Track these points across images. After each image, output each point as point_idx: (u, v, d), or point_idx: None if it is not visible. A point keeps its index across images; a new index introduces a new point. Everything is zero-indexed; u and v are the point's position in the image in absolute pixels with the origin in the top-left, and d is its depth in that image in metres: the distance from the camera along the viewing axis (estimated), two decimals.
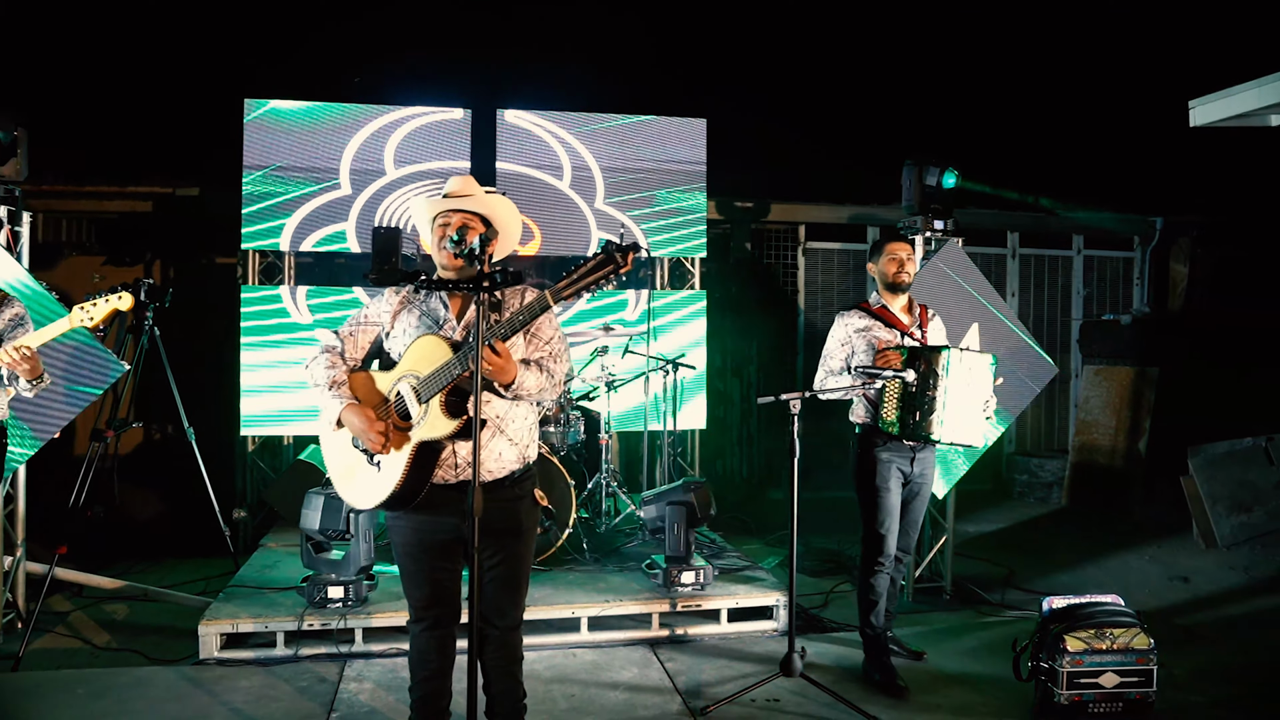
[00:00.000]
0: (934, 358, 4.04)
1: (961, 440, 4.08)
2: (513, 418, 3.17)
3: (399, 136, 7.13)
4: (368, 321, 3.24)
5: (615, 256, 2.69)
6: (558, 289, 2.77)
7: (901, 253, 4.34)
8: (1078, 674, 3.82)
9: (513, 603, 3.28)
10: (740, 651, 4.66)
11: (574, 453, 6.21)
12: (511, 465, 3.17)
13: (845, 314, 4.40)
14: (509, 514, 3.16)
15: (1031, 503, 9.17)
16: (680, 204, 7.58)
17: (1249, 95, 6.07)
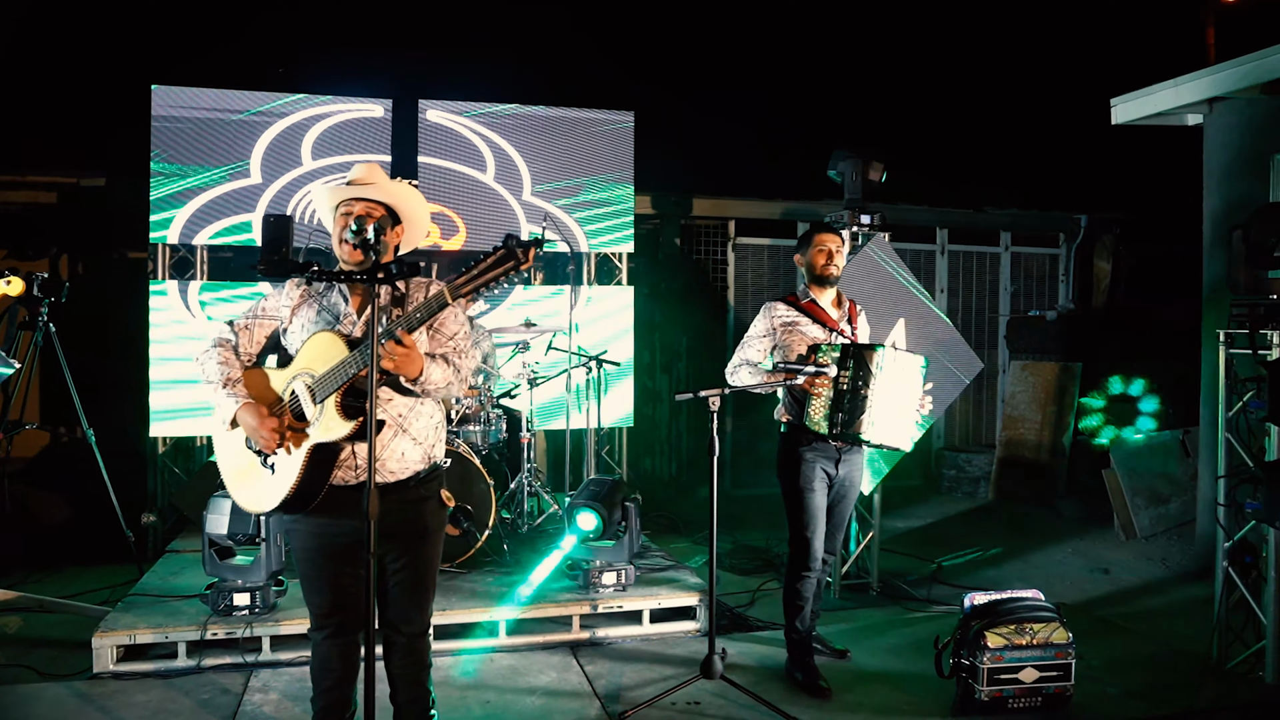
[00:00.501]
0: (867, 356, 3.94)
1: (889, 442, 4.01)
2: (416, 416, 3.04)
3: (318, 130, 6.90)
4: (264, 315, 3.08)
5: (516, 252, 2.57)
6: (456, 285, 2.65)
7: (831, 244, 4.19)
8: (998, 670, 3.80)
9: (419, 608, 3.14)
10: (662, 653, 4.57)
11: (495, 452, 6.06)
12: (416, 465, 3.04)
13: (772, 305, 4.28)
14: (413, 516, 3.03)
15: (959, 497, 9.26)
16: (607, 198, 7.47)
17: (1166, 94, 6.18)
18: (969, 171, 9.34)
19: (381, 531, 2.93)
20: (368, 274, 2.55)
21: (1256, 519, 4.11)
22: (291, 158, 6.85)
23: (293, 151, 6.85)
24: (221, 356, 2.98)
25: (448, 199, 7.16)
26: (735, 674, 4.22)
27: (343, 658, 3.12)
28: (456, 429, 5.59)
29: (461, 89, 7.32)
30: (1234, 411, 4.30)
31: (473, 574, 5.16)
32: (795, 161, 8.28)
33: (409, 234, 3.13)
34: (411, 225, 3.11)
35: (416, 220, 3.12)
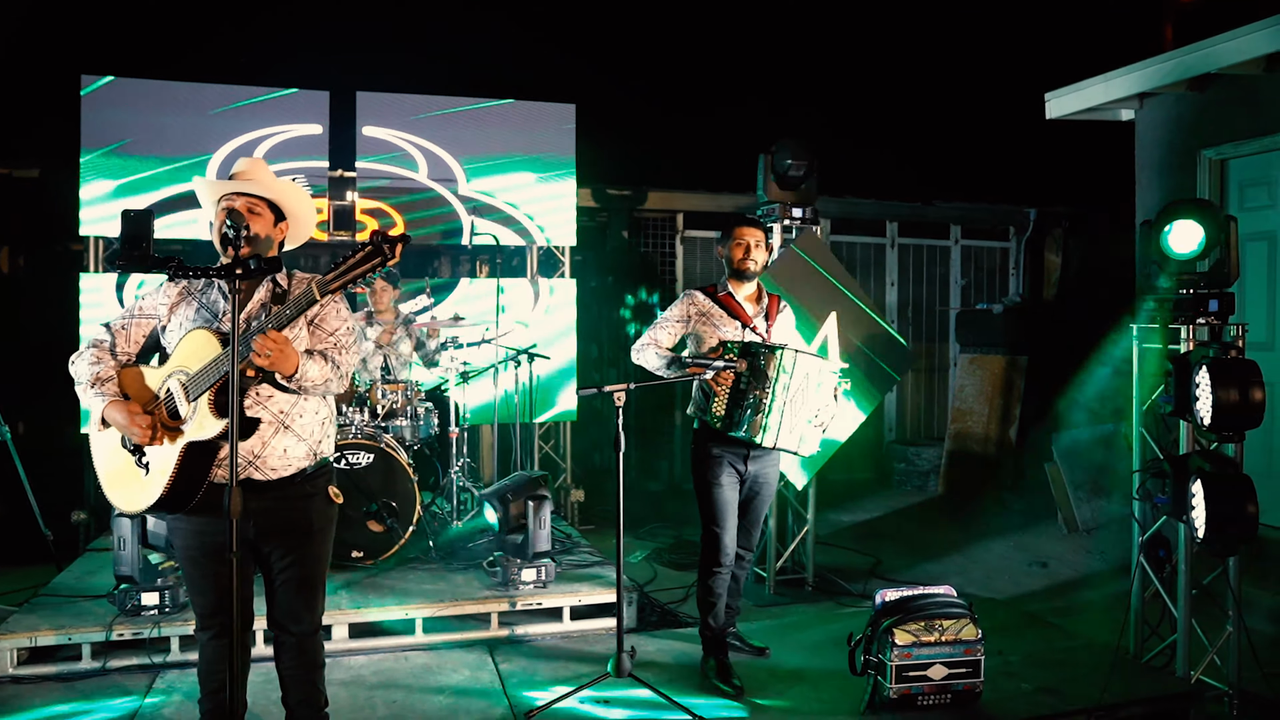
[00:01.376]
0: (767, 358, 3.91)
1: (787, 447, 3.97)
2: (300, 412, 2.99)
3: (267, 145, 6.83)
4: (141, 313, 3.01)
5: (383, 248, 2.58)
6: (325, 281, 2.65)
7: (749, 238, 4.15)
8: (906, 667, 3.78)
9: (307, 607, 3.09)
10: (581, 651, 4.53)
11: (427, 447, 6.01)
12: (300, 462, 2.99)
13: (691, 293, 4.25)
14: (298, 513, 2.99)
15: (909, 490, 9.28)
16: (550, 192, 7.40)
17: (1097, 89, 6.19)
18: (918, 164, 9.34)
19: (266, 529, 2.94)
20: (226, 270, 2.49)
21: (1164, 513, 4.12)
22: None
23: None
24: (94, 357, 2.93)
25: (384, 196, 7.10)
26: (651, 671, 4.20)
27: (230, 659, 3.06)
28: (383, 424, 5.53)
29: (398, 79, 7.24)
30: (1147, 405, 4.30)
31: (395, 571, 5.11)
32: (745, 154, 8.24)
33: (294, 230, 3.10)
34: (296, 221, 3.08)
35: (301, 216, 3.08)
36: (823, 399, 4.00)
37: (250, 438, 2.85)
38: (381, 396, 5.51)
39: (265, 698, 3.74)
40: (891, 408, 9.89)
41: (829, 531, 7.45)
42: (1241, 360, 3.62)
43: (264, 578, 3.07)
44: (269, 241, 2.97)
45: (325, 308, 3.01)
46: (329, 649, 4.38)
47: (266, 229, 2.95)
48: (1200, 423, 3.71)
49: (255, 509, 2.89)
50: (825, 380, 4.01)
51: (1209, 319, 3.99)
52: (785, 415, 3.91)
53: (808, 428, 3.99)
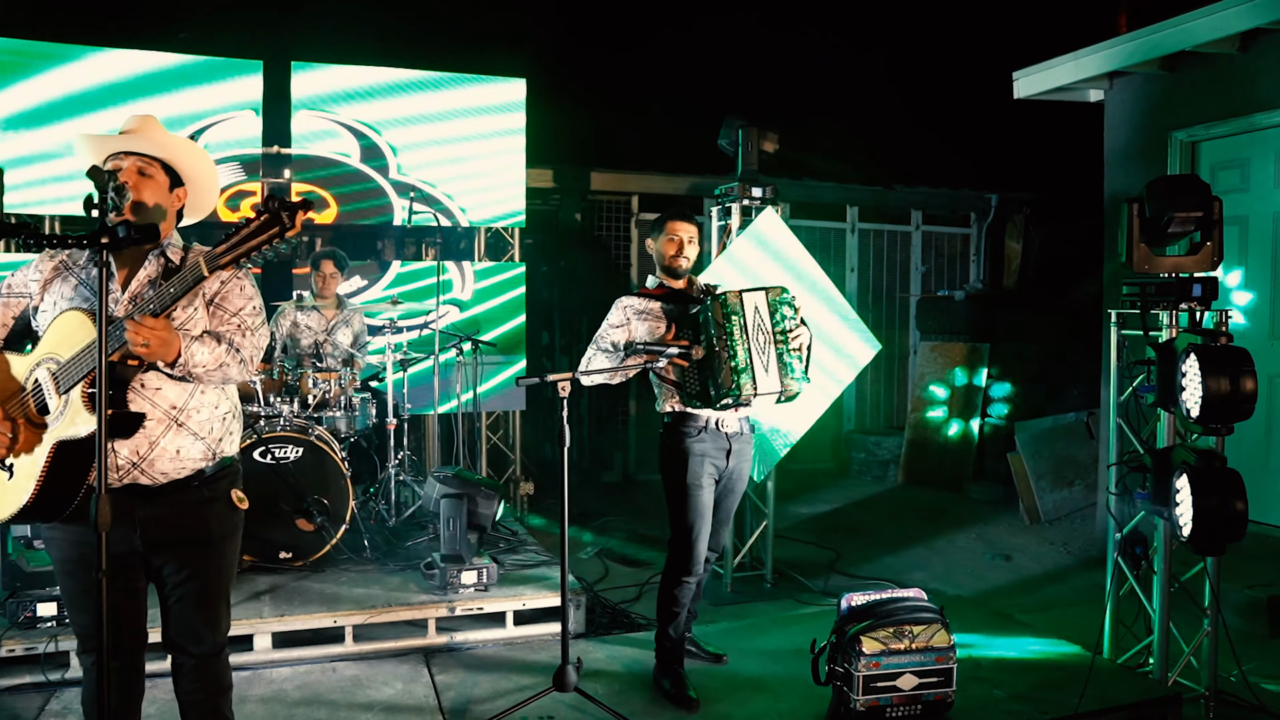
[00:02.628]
0: (714, 307, 3.58)
1: (771, 389, 3.59)
2: (196, 407, 2.62)
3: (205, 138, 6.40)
4: (10, 293, 2.61)
5: (281, 216, 2.24)
6: (214, 254, 2.30)
7: (683, 234, 3.84)
8: (874, 677, 3.51)
9: (208, 624, 2.71)
10: (524, 660, 4.21)
11: (364, 439, 5.64)
12: (196, 464, 2.63)
13: (622, 298, 3.94)
14: (195, 522, 2.63)
15: (869, 480, 9.08)
16: (498, 171, 7.03)
17: (1067, 68, 5.97)
18: (878, 148, 9.11)
19: (157, 540, 2.59)
20: (90, 239, 2.11)
21: (1144, 509, 3.90)
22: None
23: None
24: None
25: (317, 172, 6.70)
26: (599, 682, 3.90)
27: (119, 686, 2.70)
28: (315, 415, 5.16)
29: (336, 52, 6.82)
30: (1125, 395, 4.08)
31: (326, 573, 4.75)
32: (701, 135, 7.95)
33: (194, 198, 2.72)
34: (196, 188, 2.71)
35: (201, 181, 2.71)
36: (787, 323, 3.66)
37: (134, 436, 2.48)
38: (313, 386, 5.13)
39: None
40: (851, 396, 9.67)
41: (788, 524, 7.20)
42: (1232, 348, 3.39)
43: (158, 593, 2.70)
44: (160, 211, 2.58)
45: (227, 285, 2.64)
46: (249, 660, 4.05)
47: (158, 195, 2.57)
48: (1187, 414, 3.48)
49: (144, 517, 2.55)
50: (779, 306, 3.66)
51: (1192, 304, 3.77)
52: (754, 356, 3.57)
53: (788, 358, 3.64)
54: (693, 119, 8.37)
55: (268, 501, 4.74)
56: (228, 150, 6.48)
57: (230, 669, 2.85)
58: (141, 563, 2.63)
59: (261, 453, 4.74)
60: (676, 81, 8.83)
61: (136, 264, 2.57)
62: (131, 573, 2.63)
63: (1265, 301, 5.63)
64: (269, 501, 4.74)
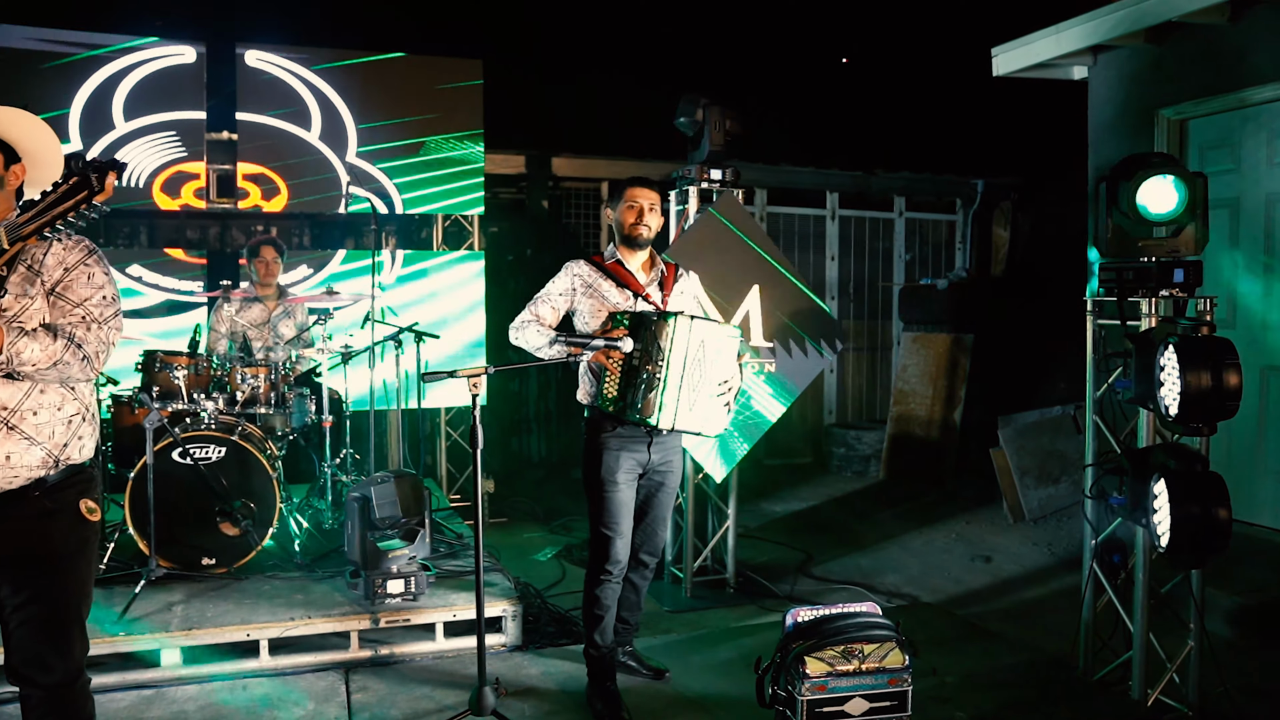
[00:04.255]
0: (658, 328, 3.34)
1: (688, 428, 3.42)
2: (32, 409, 2.35)
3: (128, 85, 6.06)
4: None
5: (91, 178, 2.03)
6: (16, 224, 2.07)
7: (643, 200, 3.60)
8: (820, 702, 3.20)
9: (57, 651, 2.42)
10: (454, 675, 3.90)
11: (303, 437, 5.33)
12: (33, 472, 2.36)
13: (573, 263, 3.69)
14: (34, 537, 2.37)
15: (849, 476, 8.76)
16: (455, 156, 6.71)
17: (1048, 42, 5.64)
18: (858, 133, 8.77)
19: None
20: None
21: (1121, 515, 3.58)
22: (103, 120, 6.02)
23: (104, 111, 6.02)
24: None
25: (268, 159, 6.37)
26: (530, 701, 3.60)
27: None
28: (245, 411, 4.84)
29: (283, 32, 6.48)
30: (1101, 391, 3.76)
31: (249, 581, 4.43)
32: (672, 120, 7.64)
33: (34, 173, 2.43)
34: (35, 163, 2.41)
35: (40, 156, 2.41)
36: (725, 369, 3.44)
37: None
38: (240, 381, 4.81)
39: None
40: (831, 389, 9.35)
41: (760, 523, 6.90)
42: (1214, 338, 3.07)
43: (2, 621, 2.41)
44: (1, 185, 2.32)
45: (72, 272, 2.36)
46: (154, 678, 3.75)
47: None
48: (1165, 412, 3.17)
49: None
50: (725, 347, 3.46)
51: (1174, 290, 3.45)
52: (684, 391, 3.35)
53: (711, 403, 3.42)
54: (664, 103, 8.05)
55: (189, 505, 4.43)
56: (165, 114, 6.14)
57: (90, 699, 2.55)
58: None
59: (181, 453, 4.43)
60: (646, 65, 8.48)
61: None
62: None
63: (1257, 288, 5.31)
64: (190, 505, 4.44)
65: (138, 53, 6.08)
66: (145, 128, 6.15)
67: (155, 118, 6.17)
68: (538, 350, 3.54)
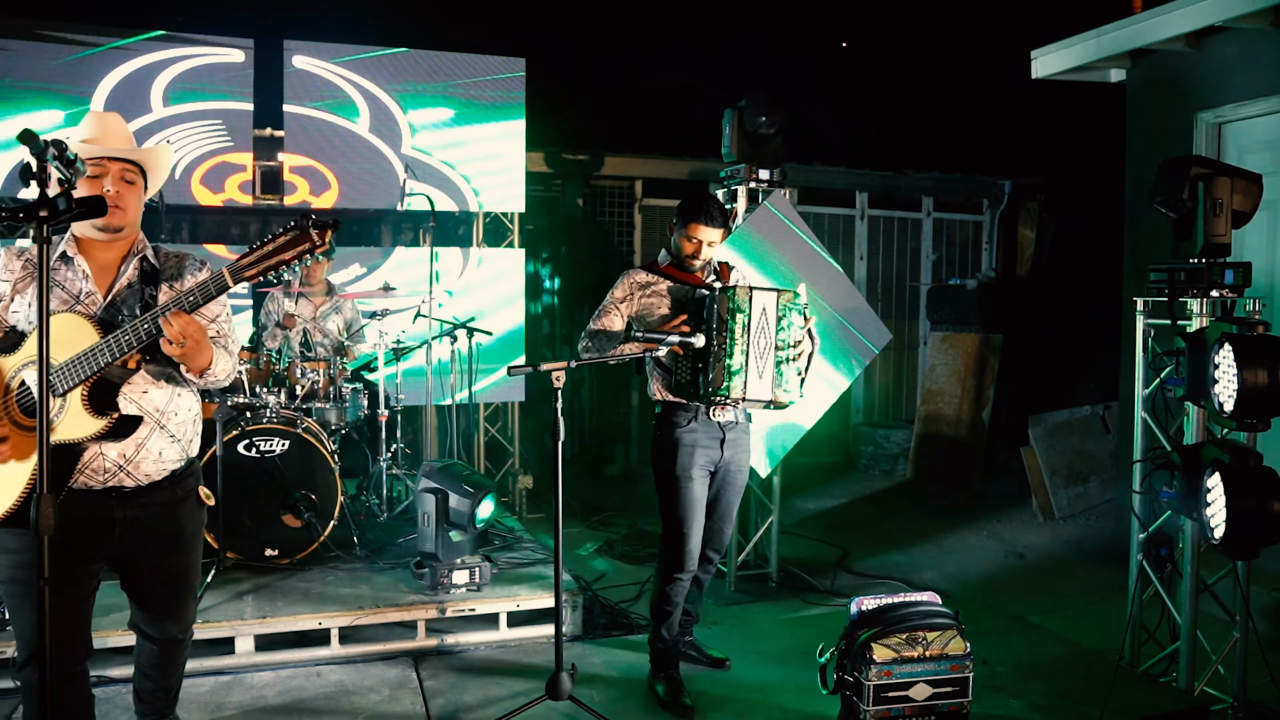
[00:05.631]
0: (721, 302, 3.43)
1: (760, 396, 3.47)
2: (175, 410, 2.63)
3: (173, 73, 6.13)
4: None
5: (310, 233, 2.28)
6: (239, 266, 2.32)
7: (703, 238, 3.67)
8: (885, 687, 3.32)
9: (178, 614, 2.75)
10: (518, 664, 4.02)
11: (355, 431, 5.45)
12: (173, 465, 2.64)
13: (630, 271, 3.80)
14: (168, 520, 2.66)
15: (877, 475, 8.86)
16: (497, 154, 6.82)
17: (1088, 46, 5.73)
18: (889, 134, 8.86)
19: (133, 540, 2.60)
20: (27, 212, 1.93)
21: (1171, 509, 3.68)
22: (140, 102, 6.08)
23: (141, 95, 6.09)
24: None
25: (317, 152, 6.47)
26: (595, 688, 3.72)
27: (76, 698, 2.64)
28: (304, 406, 4.97)
29: (332, 30, 6.60)
30: (1151, 389, 3.86)
31: (313, 571, 4.56)
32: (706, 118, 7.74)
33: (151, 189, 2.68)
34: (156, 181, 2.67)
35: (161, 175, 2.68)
36: (792, 334, 3.51)
37: (127, 439, 2.47)
38: (301, 376, 4.94)
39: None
40: (859, 388, 9.44)
41: (793, 520, 7.01)
42: (1270, 337, 3.17)
43: (127, 590, 2.70)
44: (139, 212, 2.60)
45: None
46: (230, 664, 3.88)
47: (139, 198, 2.56)
48: (1219, 408, 3.27)
49: (122, 518, 2.55)
50: (787, 312, 3.51)
51: (1224, 292, 3.55)
52: (751, 358, 3.44)
53: (785, 369, 3.50)
54: (697, 102, 8.16)
55: (253, 497, 4.56)
56: (209, 103, 6.22)
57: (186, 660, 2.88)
58: (112, 564, 2.62)
59: (246, 445, 4.55)
60: (681, 64, 8.59)
61: (114, 269, 2.55)
62: (91, 580, 2.60)
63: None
64: (254, 497, 4.56)
65: (186, 47, 6.17)
66: (186, 114, 6.16)
67: (198, 105, 6.22)
68: (610, 353, 3.61)
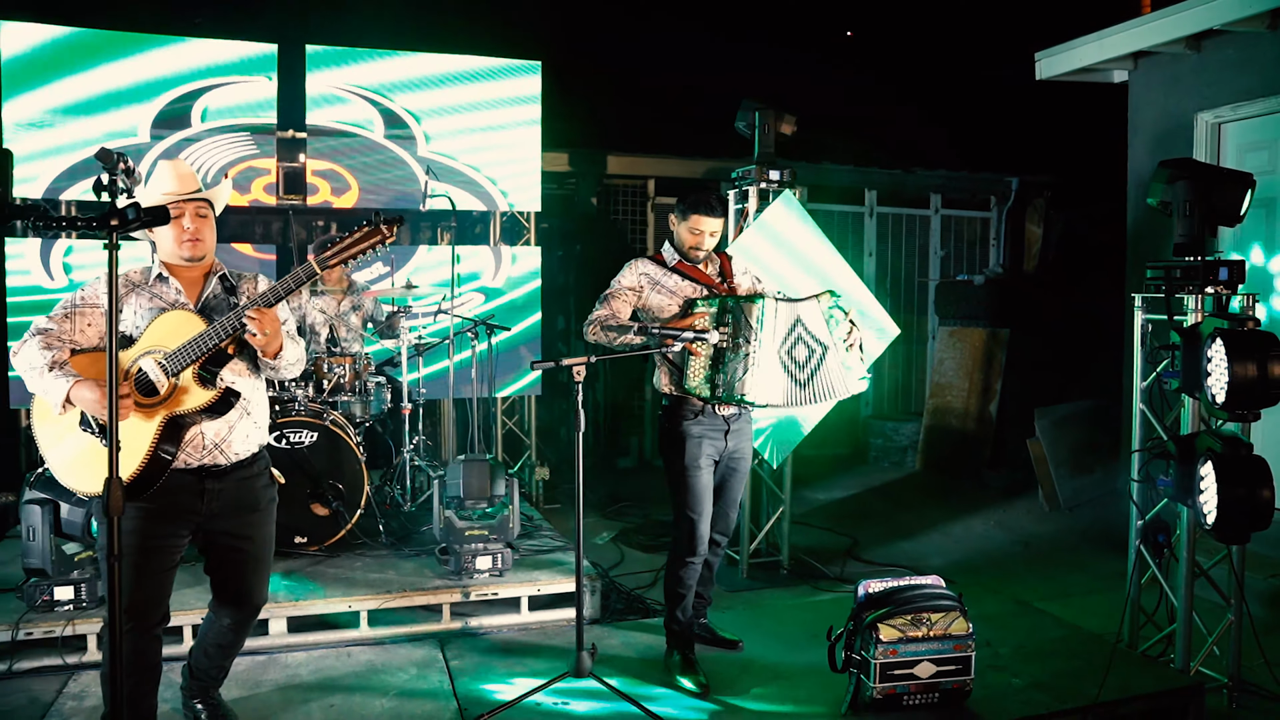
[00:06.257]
0: (747, 309, 3.59)
1: (775, 400, 3.64)
2: (257, 400, 3.05)
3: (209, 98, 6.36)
4: (85, 303, 2.91)
5: (382, 228, 2.79)
6: (324, 258, 2.79)
7: (706, 229, 3.80)
8: (891, 665, 3.48)
9: (259, 583, 3.15)
10: (539, 645, 4.20)
11: (379, 424, 5.64)
12: (256, 446, 3.07)
13: (638, 261, 3.90)
14: (249, 494, 3.06)
15: (886, 467, 9.02)
16: (513, 154, 6.98)
17: (1090, 48, 5.87)
18: (898, 131, 8.99)
19: (219, 512, 2.97)
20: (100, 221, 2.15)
21: (1167, 496, 3.83)
22: (180, 119, 6.34)
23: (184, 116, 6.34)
24: (44, 343, 2.83)
25: (337, 156, 6.66)
26: (614, 667, 3.89)
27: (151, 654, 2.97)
28: (330, 399, 5.15)
29: (349, 34, 6.78)
30: (1149, 381, 4.01)
31: (341, 558, 4.75)
32: (717, 118, 7.88)
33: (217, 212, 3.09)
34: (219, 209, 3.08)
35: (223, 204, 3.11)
36: (838, 333, 3.69)
37: (216, 422, 2.87)
38: (328, 370, 5.12)
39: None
40: (869, 382, 9.59)
41: (804, 510, 7.17)
42: (1259, 332, 3.32)
43: (213, 561, 3.07)
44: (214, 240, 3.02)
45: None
46: (264, 645, 4.07)
47: (212, 227, 2.99)
48: (1212, 400, 3.42)
49: (211, 491, 2.94)
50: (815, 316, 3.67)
51: (1219, 288, 3.69)
52: (771, 368, 3.59)
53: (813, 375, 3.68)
54: (708, 102, 8.31)
55: (283, 486, 4.72)
56: (236, 118, 6.44)
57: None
58: (200, 535, 2.97)
59: (277, 437, 4.74)
60: (692, 64, 8.74)
61: (199, 284, 2.97)
62: (178, 552, 2.94)
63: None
64: (285, 486, 4.72)
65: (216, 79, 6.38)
66: (219, 129, 6.43)
67: (231, 120, 6.46)
68: (620, 342, 3.71)
